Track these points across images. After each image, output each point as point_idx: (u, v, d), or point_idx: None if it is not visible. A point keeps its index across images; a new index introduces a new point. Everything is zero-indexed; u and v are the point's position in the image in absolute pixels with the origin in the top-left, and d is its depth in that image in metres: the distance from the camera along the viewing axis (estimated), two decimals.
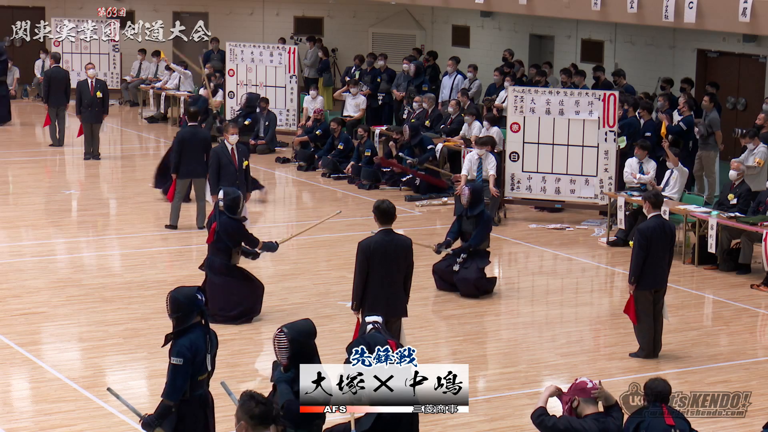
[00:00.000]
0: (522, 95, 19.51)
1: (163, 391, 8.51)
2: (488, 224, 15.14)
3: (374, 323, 9.24)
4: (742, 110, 23.68)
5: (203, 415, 8.72)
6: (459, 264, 14.92)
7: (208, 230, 13.90)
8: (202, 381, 8.64)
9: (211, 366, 8.69)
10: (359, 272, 11.39)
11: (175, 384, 8.45)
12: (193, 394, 8.58)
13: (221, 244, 13.63)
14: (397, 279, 11.44)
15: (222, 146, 16.89)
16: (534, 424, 8.05)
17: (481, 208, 15.06)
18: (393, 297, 11.41)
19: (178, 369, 8.44)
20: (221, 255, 13.67)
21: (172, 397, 8.47)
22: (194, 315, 8.59)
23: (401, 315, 11.59)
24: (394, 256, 11.35)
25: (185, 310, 8.56)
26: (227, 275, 13.70)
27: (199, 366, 8.54)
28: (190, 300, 8.58)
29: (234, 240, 13.65)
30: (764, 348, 13.77)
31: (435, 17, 31.47)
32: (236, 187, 16.70)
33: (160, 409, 8.50)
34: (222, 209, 13.61)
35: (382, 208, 11.44)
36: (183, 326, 8.56)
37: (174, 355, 8.47)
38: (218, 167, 16.64)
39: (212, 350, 8.68)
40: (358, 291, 11.44)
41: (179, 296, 8.60)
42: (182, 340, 8.49)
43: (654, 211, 12.77)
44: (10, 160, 23.51)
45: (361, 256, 11.38)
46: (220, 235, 13.58)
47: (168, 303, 8.64)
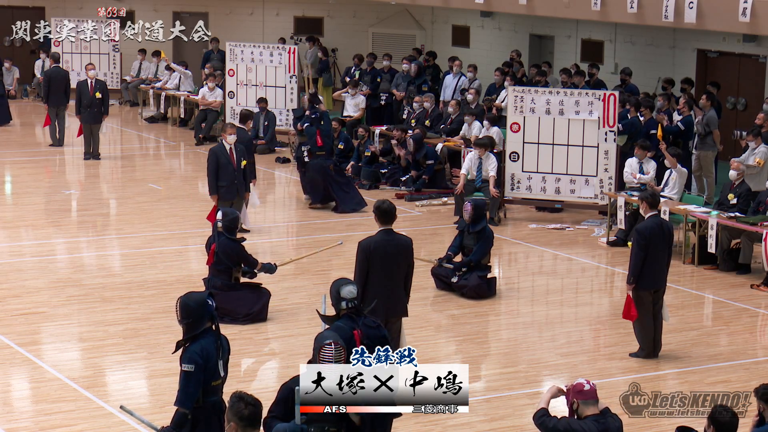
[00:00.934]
0: (522, 95, 19.51)
1: (176, 398, 8.41)
2: (490, 240, 15.12)
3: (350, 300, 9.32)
4: (742, 110, 23.68)
5: (217, 421, 8.62)
6: (458, 277, 14.93)
7: (207, 252, 13.85)
8: (216, 387, 8.54)
9: (224, 371, 8.62)
10: (359, 272, 11.38)
11: (188, 391, 8.36)
12: (207, 401, 8.48)
13: (221, 265, 13.63)
14: (397, 279, 11.43)
15: (220, 146, 16.87)
16: (536, 425, 8.05)
17: (483, 224, 15.06)
18: (393, 297, 11.40)
19: (190, 376, 8.34)
20: (222, 275, 13.68)
21: (186, 405, 8.39)
22: (205, 321, 8.47)
23: (401, 315, 11.58)
24: (394, 256, 11.35)
25: (196, 316, 8.44)
26: (232, 289, 13.72)
27: (212, 372, 8.44)
28: (201, 306, 8.45)
29: (233, 261, 13.64)
30: (764, 348, 13.77)
31: (435, 17, 31.48)
32: (235, 186, 16.70)
33: (176, 418, 8.41)
34: (221, 230, 13.57)
35: (382, 209, 11.44)
36: (194, 332, 8.43)
37: (185, 362, 8.37)
38: (217, 167, 16.62)
39: (224, 356, 8.58)
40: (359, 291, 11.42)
41: (190, 302, 8.48)
42: (193, 347, 8.38)
43: (651, 211, 12.77)
44: (10, 160, 23.51)
45: (361, 256, 11.38)
46: (219, 257, 13.57)
47: (178, 309, 8.50)
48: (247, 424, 6.91)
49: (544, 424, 7.99)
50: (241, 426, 6.91)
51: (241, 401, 6.97)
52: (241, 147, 17.06)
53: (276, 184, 22.36)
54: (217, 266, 13.64)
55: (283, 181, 22.48)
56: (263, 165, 23.25)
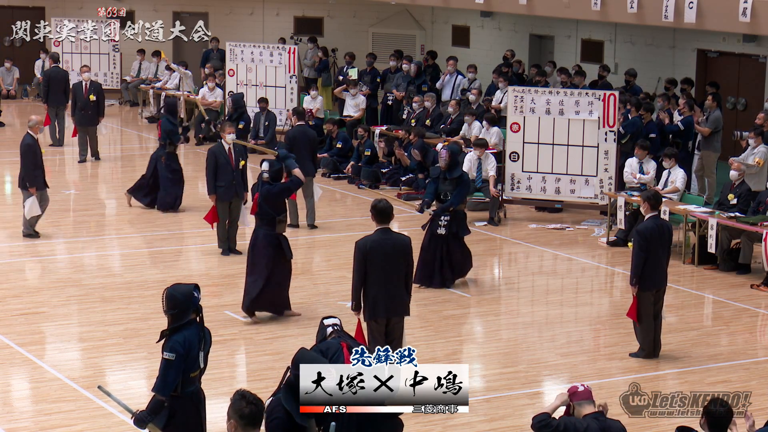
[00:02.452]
0: (522, 95, 19.51)
1: (154, 385, 8.54)
2: (467, 185, 15.52)
3: (333, 326, 9.18)
4: (742, 110, 23.67)
5: (195, 411, 8.74)
6: (444, 227, 15.00)
7: (251, 200, 14.18)
8: (194, 378, 8.66)
9: (203, 363, 8.70)
10: (356, 271, 11.39)
11: (167, 379, 8.48)
12: (185, 391, 8.61)
13: (264, 214, 13.79)
14: (397, 278, 11.40)
15: (219, 146, 16.89)
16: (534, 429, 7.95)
17: (460, 172, 15.34)
18: (393, 296, 11.38)
19: (170, 364, 8.46)
20: (266, 226, 13.80)
21: (163, 392, 8.49)
22: (190, 312, 8.59)
23: (403, 314, 11.55)
24: (392, 255, 11.32)
25: (181, 307, 8.57)
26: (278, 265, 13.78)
27: (192, 362, 8.56)
28: (187, 297, 8.59)
29: (274, 204, 13.78)
30: (764, 348, 13.77)
31: (435, 17, 31.47)
32: (233, 186, 16.69)
33: (151, 404, 8.53)
34: (266, 180, 13.82)
35: (379, 207, 11.41)
36: (178, 323, 8.55)
37: (167, 350, 8.49)
38: (215, 167, 16.64)
39: (206, 347, 8.71)
40: (356, 291, 11.43)
41: (176, 293, 8.60)
42: (176, 336, 8.51)
43: (652, 211, 12.77)
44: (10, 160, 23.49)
45: (357, 255, 11.36)
46: (262, 206, 13.78)
47: (164, 299, 8.61)
48: (247, 423, 6.91)
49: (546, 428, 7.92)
50: (242, 424, 6.91)
51: (243, 399, 6.98)
52: (241, 147, 17.08)
53: None
54: (260, 215, 13.81)
55: None
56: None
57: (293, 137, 18.14)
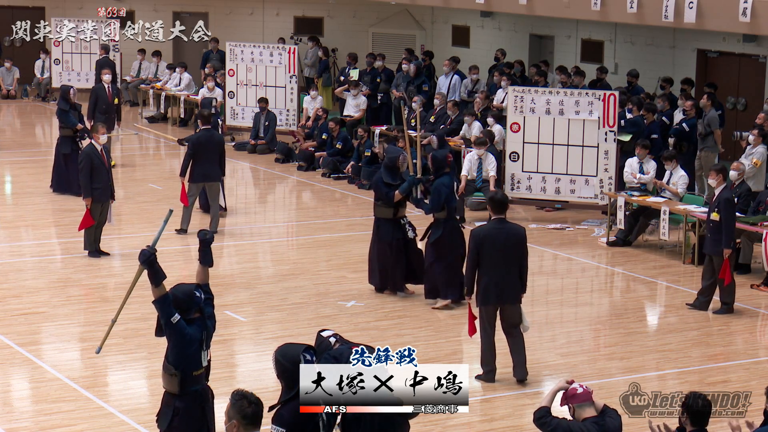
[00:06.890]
0: (522, 95, 19.51)
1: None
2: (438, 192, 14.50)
3: (334, 335, 9.16)
4: (742, 110, 23.67)
5: (200, 410, 8.73)
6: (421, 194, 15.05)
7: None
8: (198, 376, 8.66)
9: (206, 361, 8.70)
10: (469, 259, 11.98)
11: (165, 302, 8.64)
12: (189, 390, 8.60)
13: (379, 201, 14.59)
14: (509, 267, 11.87)
15: (91, 147, 16.51)
16: (536, 425, 8.00)
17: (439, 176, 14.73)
18: (504, 284, 11.85)
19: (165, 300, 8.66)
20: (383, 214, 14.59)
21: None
22: (192, 312, 8.67)
23: (513, 302, 11.96)
24: (506, 245, 11.81)
25: (184, 306, 8.61)
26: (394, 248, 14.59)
27: (195, 362, 8.57)
28: (189, 297, 8.67)
29: (380, 190, 14.49)
30: (764, 348, 13.77)
31: (435, 17, 31.48)
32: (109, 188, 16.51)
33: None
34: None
35: (496, 199, 12.02)
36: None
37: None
38: (91, 169, 16.32)
39: (207, 340, 8.76)
40: (470, 277, 12.00)
41: (178, 293, 8.69)
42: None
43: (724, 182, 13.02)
44: (9, 160, 23.50)
45: (471, 244, 11.92)
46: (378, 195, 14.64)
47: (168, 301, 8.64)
48: (249, 423, 6.92)
49: (544, 425, 7.96)
50: (243, 424, 6.91)
51: (244, 399, 6.98)
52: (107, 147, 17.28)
53: (276, 184, 22.36)
54: (376, 203, 14.65)
55: (283, 181, 22.46)
56: (263, 165, 23.26)
57: (199, 142, 17.64)
